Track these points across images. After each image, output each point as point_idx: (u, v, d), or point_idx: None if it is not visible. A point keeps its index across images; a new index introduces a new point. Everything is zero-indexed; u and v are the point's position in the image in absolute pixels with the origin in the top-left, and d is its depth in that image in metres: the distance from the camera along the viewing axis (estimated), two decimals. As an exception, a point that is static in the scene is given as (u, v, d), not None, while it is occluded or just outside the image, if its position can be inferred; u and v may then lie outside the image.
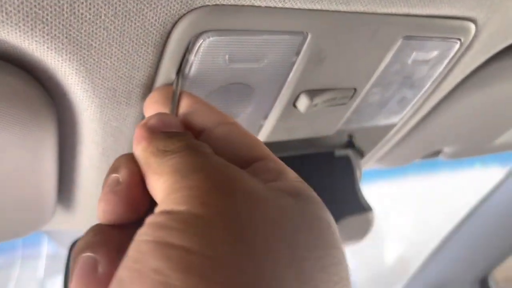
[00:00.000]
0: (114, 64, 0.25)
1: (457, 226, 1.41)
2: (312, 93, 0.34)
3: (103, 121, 0.29)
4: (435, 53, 0.37)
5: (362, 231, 0.48)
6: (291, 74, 0.31)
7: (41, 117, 0.27)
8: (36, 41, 0.22)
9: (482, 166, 2.27)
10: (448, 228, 1.41)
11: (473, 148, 0.70)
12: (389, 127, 0.47)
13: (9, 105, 0.25)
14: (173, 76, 0.28)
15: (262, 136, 0.37)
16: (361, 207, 0.48)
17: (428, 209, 2.15)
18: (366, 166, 0.58)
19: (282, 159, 0.29)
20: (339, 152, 0.51)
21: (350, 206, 0.48)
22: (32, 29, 0.22)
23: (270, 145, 0.31)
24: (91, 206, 0.39)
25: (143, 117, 0.30)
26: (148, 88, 0.28)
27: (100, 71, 0.25)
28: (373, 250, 2.05)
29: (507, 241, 1.33)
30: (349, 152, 0.50)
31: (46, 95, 0.27)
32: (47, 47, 0.23)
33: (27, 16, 0.21)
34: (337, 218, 0.46)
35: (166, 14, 0.24)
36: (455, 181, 2.26)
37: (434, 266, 1.46)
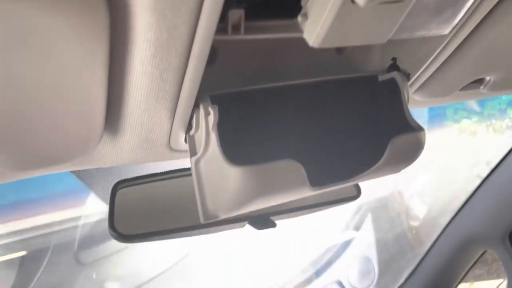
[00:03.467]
0: None
1: (483, 179, 1.39)
2: None
3: (158, 11, 0.27)
4: None
5: (413, 151, 0.46)
6: None
7: (93, 6, 0.25)
8: None
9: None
10: (474, 183, 1.39)
11: None
12: (438, 41, 0.45)
13: None
14: None
15: (318, 37, 0.35)
16: (411, 127, 0.46)
17: (453, 163, 2.12)
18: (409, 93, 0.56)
19: (325, 82, 0.27)
20: (385, 76, 0.49)
21: (399, 127, 0.46)
22: None
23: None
24: (139, 125, 0.37)
25: (198, 10, 0.28)
26: None
27: None
28: (397, 209, 2.04)
29: (537, 192, 1.30)
30: (395, 74, 0.48)
31: None
32: None
33: None
34: (387, 138, 0.44)
35: None
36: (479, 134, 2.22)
37: (462, 222, 1.44)
